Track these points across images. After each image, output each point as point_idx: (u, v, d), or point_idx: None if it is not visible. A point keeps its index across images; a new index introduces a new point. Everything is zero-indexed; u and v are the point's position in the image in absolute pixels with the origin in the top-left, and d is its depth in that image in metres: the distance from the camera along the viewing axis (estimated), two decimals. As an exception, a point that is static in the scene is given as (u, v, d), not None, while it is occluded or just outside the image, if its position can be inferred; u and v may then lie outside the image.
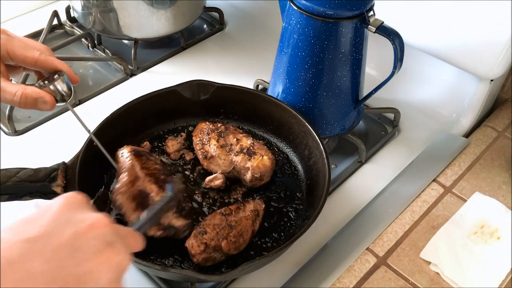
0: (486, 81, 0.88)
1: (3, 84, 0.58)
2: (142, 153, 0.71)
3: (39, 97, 0.58)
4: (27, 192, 0.66)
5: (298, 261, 0.73)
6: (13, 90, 0.57)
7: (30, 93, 0.58)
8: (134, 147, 0.73)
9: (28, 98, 0.58)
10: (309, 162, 0.79)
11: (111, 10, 0.99)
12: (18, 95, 0.57)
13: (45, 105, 0.59)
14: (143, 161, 0.69)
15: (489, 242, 0.74)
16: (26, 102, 0.58)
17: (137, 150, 0.72)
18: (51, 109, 0.60)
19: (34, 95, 0.58)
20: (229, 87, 0.84)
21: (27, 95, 0.57)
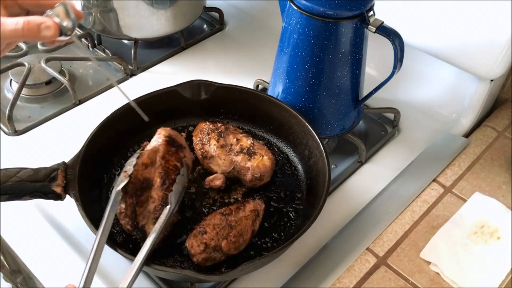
0: (486, 81, 0.88)
1: (4, 18, 0.56)
2: (176, 144, 0.71)
3: (42, 23, 0.56)
4: (27, 192, 0.66)
5: (298, 261, 0.73)
6: (14, 20, 0.55)
7: (33, 20, 0.55)
8: (174, 133, 0.73)
9: (31, 24, 0.55)
10: (309, 162, 0.79)
11: (111, 10, 0.99)
12: (20, 23, 0.55)
13: (49, 31, 0.56)
14: (170, 152, 0.70)
15: (489, 242, 0.74)
16: (30, 29, 0.55)
17: (172, 138, 0.72)
18: (54, 37, 0.57)
19: (37, 20, 0.56)
20: (229, 87, 0.84)
21: (29, 22, 0.55)
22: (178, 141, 0.73)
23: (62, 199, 0.68)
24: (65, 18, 0.58)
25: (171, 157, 0.69)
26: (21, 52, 1.04)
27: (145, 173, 0.68)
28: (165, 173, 0.68)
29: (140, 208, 0.67)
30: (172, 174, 0.68)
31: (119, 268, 0.70)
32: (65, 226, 0.76)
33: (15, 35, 0.55)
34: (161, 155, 0.69)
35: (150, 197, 0.67)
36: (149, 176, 0.68)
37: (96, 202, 0.73)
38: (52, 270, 0.72)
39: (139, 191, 0.67)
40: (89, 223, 0.63)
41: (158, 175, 0.68)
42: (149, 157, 0.69)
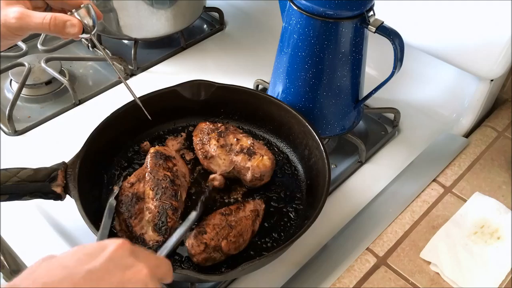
0: (486, 81, 0.88)
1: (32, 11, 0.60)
2: (163, 156, 0.74)
3: (68, 20, 0.60)
4: (27, 192, 0.67)
5: (298, 261, 0.73)
6: (42, 15, 0.59)
7: (60, 16, 0.60)
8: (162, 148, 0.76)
9: (57, 20, 0.59)
10: (309, 162, 0.79)
11: (111, 10, 0.99)
12: (47, 18, 0.59)
13: (73, 28, 0.61)
14: (157, 164, 0.72)
15: (489, 242, 0.74)
16: (56, 24, 0.59)
17: (159, 152, 0.74)
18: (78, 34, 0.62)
19: (63, 18, 0.60)
20: (229, 87, 0.84)
21: (56, 18, 0.59)
22: (165, 153, 0.75)
23: (62, 199, 0.68)
24: (87, 17, 0.63)
25: (160, 169, 0.72)
26: (21, 52, 1.04)
27: (133, 189, 0.71)
28: (156, 185, 0.70)
29: (135, 220, 0.68)
30: (164, 183, 0.70)
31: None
32: (65, 226, 0.76)
33: (41, 28, 0.59)
34: (149, 170, 0.72)
35: (146, 209, 0.68)
36: (137, 191, 0.70)
37: (96, 202, 0.73)
38: (52, 270, 0.71)
39: (130, 205, 0.69)
40: (89, 223, 0.63)
41: (149, 187, 0.70)
42: (136, 175, 0.72)
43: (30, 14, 0.59)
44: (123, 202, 0.69)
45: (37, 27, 0.59)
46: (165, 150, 0.75)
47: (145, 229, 0.67)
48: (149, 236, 0.66)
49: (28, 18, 0.59)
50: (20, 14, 0.58)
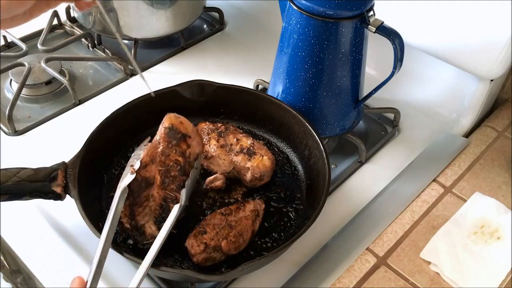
0: (486, 81, 0.88)
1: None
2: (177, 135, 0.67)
3: None
4: (27, 192, 0.67)
5: (298, 261, 0.73)
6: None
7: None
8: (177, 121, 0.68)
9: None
10: (309, 162, 0.79)
11: (111, 10, 0.99)
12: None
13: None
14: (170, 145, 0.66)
15: (489, 242, 0.74)
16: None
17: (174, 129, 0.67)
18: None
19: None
20: (229, 87, 0.84)
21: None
22: (181, 130, 0.68)
23: (62, 199, 0.68)
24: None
25: (172, 151, 0.66)
26: (21, 52, 1.04)
27: (144, 172, 0.67)
28: (165, 171, 0.66)
29: (139, 208, 0.66)
30: (173, 171, 0.66)
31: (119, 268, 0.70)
32: (65, 226, 0.76)
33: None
34: (161, 151, 0.67)
35: (151, 196, 0.66)
36: (148, 175, 0.67)
37: (96, 202, 0.73)
38: (52, 270, 0.72)
39: (138, 190, 0.66)
40: (89, 223, 0.63)
41: (158, 172, 0.66)
42: (149, 154, 0.67)
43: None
44: (132, 187, 0.66)
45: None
46: (181, 125, 0.68)
47: (146, 219, 0.65)
48: (149, 229, 0.65)
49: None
50: None
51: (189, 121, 0.69)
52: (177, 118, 0.68)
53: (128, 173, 0.66)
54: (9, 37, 1.08)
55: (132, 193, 0.66)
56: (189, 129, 0.69)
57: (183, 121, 0.69)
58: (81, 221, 0.64)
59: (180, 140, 0.67)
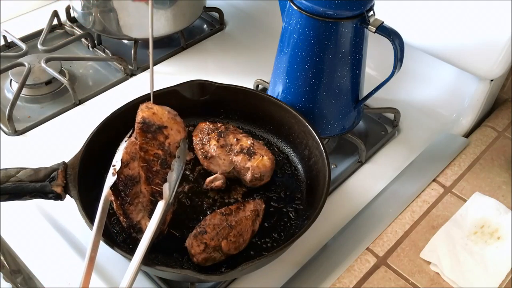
0: (486, 81, 0.88)
1: None
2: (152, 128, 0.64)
3: None
4: (27, 192, 0.66)
5: (298, 261, 0.73)
6: None
7: None
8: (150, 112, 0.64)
9: None
10: (309, 162, 0.79)
11: (111, 10, 0.99)
12: None
13: None
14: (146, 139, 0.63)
15: (489, 242, 0.74)
16: None
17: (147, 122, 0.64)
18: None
19: None
20: (229, 87, 0.84)
21: None
22: (155, 122, 0.64)
23: (62, 199, 0.68)
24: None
25: (149, 146, 0.63)
26: (21, 52, 1.04)
27: (128, 170, 0.65)
28: (146, 167, 0.63)
29: (131, 206, 0.65)
30: (155, 165, 0.63)
31: (118, 268, 0.70)
32: (65, 226, 0.76)
33: None
34: (139, 146, 0.64)
35: (140, 192, 0.65)
36: (132, 173, 0.65)
37: (96, 202, 0.73)
38: (52, 270, 0.72)
39: (124, 189, 0.65)
40: (89, 223, 0.63)
41: (141, 168, 0.64)
42: (128, 152, 0.65)
43: None
44: (118, 187, 0.65)
45: None
46: (154, 116, 0.64)
47: (141, 215, 0.65)
48: (145, 225, 0.65)
49: None
50: None
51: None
52: (149, 109, 0.64)
53: (110, 174, 0.65)
54: (9, 37, 1.08)
55: (120, 192, 0.65)
56: (164, 118, 0.65)
57: (157, 111, 0.64)
58: (81, 221, 0.64)
59: (156, 133, 0.64)
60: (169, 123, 0.65)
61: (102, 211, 0.63)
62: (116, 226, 0.71)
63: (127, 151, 0.65)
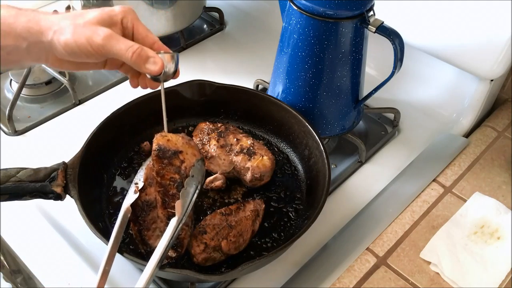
0: (486, 81, 0.88)
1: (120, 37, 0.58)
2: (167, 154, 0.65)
3: (152, 57, 0.59)
4: (27, 192, 0.66)
5: (298, 261, 0.73)
6: (129, 44, 0.58)
7: (146, 50, 0.59)
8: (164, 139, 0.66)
9: (142, 53, 0.58)
10: (309, 162, 0.79)
11: (111, 10, 0.99)
12: (133, 48, 0.58)
13: (155, 66, 0.59)
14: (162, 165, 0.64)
15: (489, 242, 0.74)
16: (139, 56, 0.58)
17: (162, 149, 0.65)
18: (157, 73, 0.60)
19: (149, 53, 0.59)
20: (229, 87, 0.84)
21: (141, 51, 0.58)
22: (170, 148, 0.65)
23: (62, 199, 0.68)
24: (170, 63, 0.63)
25: (165, 171, 0.64)
26: (21, 52, 1.03)
27: (144, 196, 0.67)
28: (163, 191, 0.64)
29: (149, 232, 0.65)
30: (171, 189, 0.64)
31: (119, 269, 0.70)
32: (65, 226, 0.76)
33: (123, 55, 0.58)
34: (156, 172, 0.65)
35: (157, 217, 0.65)
36: (149, 198, 0.67)
37: (96, 202, 0.73)
38: (52, 270, 0.72)
39: (142, 215, 0.66)
40: (89, 223, 0.63)
41: (158, 193, 0.65)
42: (146, 178, 0.68)
43: (118, 38, 0.57)
44: (135, 212, 0.66)
45: (120, 53, 0.57)
46: (168, 143, 0.66)
47: (158, 240, 0.62)
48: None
49: (114, 41, 0.57)
50: (109, 34, 0.57)
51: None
52: (164, 137, 0.66)
53: (132, 191, 0.67)
54: (9, 37, 1.08)
55: (138, 218, 0.66)
56: (178, 144, 0.66)
57: (171, 138, 0.66)
58: (81, 221, 0.64)
59: (171, 158, 0.65)
60: (184, 147, 0.66)
61: (120, 227, 0.63)
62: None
63: (145, 177, 0.68)
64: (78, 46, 0.56)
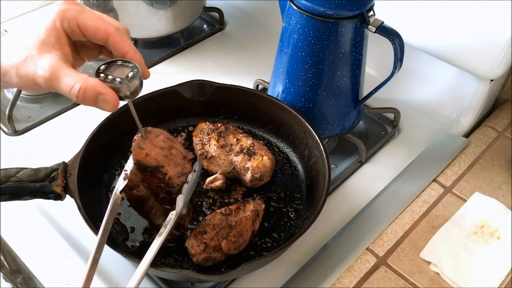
0: (486, 81, 0.88)
1: (63, 71, 0.50)
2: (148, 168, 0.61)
3: (100, 94, 0.51)
4: (27, 192, 0.66)
5: (298, 261, 0.73)
6: (71, 82, 0.50)
7: (91, 88, 0.50)
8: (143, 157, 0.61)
9: (87, 93, 0.50)
10: (309, 162, 0.79)
11: (111, 10, 0.99)
12: (75, 89, 0.50)
13: (106, 105, 0.51)
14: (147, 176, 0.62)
15: (489, 242, 0.74)
16: (85, 98, 0.50)
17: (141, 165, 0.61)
18: (111, 111, 0.52)
19: (95, 89, 0.50)
20: (229, 87, 0.84)
21: (86, 90, 0.50)
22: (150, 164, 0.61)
23: (62, 199, 0.68)
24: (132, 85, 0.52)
25: (150, 181, 0.63)
26: (21, 52, 1.03)
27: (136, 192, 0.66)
28: (153, 193, 0.64)
29: (149, 215, 0.68)
30: (160, 193, 0.63)
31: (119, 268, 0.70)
32: (65, 226, 0.76)
33: (68, 95, 0.51)
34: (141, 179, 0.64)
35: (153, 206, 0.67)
36: (141, 193, 0.66)
37: (96, 202, 0.73)
38: (52, 270, 0.72)
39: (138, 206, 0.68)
40: (89, 223, 0.63)
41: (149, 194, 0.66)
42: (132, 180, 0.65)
43: (59, 77, 0.50)
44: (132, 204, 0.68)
45: (65, 93, 0.51)
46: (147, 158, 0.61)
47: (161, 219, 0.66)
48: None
49: (56, 81, 0.50)
50: (49, 74, 0.50)
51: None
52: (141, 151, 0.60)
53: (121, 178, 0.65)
54: (9, 37, 1.08)
55: (136, 208, 0.68)
56: (158, 158, 0.61)
57: (149, 152, 0.61)
58: (81, 221, 0.64)
59: (153, 172, 0.62)
60: (165, 161, 0.62)
61: (110, 214, 0.62)
62: (116, 226, 0.71)
63: (131, 177, 0.64)
64: (29, 88, 0.52)
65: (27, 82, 0.51)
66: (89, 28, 0.52)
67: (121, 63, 0.53)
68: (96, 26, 0.52)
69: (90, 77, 0.51)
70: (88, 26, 0.52)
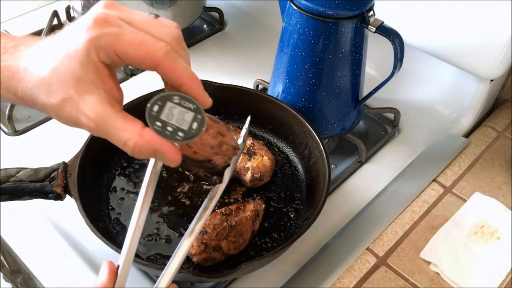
0: (486, 81, 0.88)
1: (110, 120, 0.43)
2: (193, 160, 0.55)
3: (157, 150, 0.43)
4: (27, 192, 0.66)
5: (298, 261, 0.73)
6: (123, 138, 0.43)
7: (147, 145, 0.42)
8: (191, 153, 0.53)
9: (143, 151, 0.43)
10: (309, 162, 0.79)
11: (111, 10, 0.99)
12: (129, 146, 0.43)
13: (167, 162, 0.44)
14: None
15: (489, 242, 0.74)
16: (141, 155, 0.43)
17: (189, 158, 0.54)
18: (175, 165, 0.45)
19: (152, 146, 0.43)
20: (229, 87, 0.84)
21: (142, 148, 0.42)
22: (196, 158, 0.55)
23: (62, 199, 0.68)
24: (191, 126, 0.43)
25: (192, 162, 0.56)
26: (21, 52, 1.03)
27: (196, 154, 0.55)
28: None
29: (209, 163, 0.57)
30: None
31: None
32: (65, 226, 0.76)
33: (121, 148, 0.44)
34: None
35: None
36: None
37: (96, 202, 0.73)
38: (52, 270, 0.72)
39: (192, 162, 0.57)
40: (89, 223, 0.63)
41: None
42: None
43: (107, 128, 0.43)
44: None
45: (119, 145, 0.44)
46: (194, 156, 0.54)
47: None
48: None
49: (104, 133, 0.44)
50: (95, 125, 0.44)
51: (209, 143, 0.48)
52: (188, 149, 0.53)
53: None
54: (9, 37, 1.08)
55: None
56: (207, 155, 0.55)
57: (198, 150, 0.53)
58: (81, 221, 0.64)
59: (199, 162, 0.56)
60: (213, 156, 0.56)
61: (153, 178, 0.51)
62: (116, 226, 0.71)
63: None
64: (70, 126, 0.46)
65: (73, 125, 0.46)
66: (131, 58, 0.43)
67: (178, 101, 0.44)
68: (140, 56, 0.43)
69: (145, 130, 0.43)
70: (130, 56, 0.43)
